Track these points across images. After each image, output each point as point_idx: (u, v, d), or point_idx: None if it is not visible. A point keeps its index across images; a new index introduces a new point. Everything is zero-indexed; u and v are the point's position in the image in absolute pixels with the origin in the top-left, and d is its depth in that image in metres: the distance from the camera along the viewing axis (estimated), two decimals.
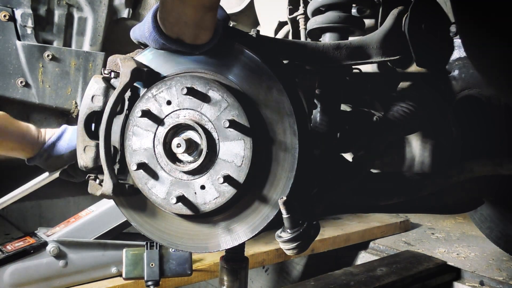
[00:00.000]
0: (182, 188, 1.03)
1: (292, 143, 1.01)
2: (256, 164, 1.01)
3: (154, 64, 1.07)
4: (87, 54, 2.16)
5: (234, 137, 0.99)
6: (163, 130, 1.02)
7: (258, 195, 1.03)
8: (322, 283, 2.21)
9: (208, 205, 1.02)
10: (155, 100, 1.02)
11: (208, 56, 1.04)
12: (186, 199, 1.02)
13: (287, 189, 1.01)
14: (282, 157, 1.01)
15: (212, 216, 1.05)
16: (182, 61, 1.05)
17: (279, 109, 1.01)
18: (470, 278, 2.59)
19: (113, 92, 1.02)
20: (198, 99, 1.00)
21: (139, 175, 1.04)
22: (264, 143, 1.02)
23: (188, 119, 1.01)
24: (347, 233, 3.03)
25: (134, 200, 1.09)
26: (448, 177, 1.36)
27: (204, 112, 1.00)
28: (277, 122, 1.01)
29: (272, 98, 1.01)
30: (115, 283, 2.06)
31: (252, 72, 1.02)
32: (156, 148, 1.03)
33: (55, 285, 1.97)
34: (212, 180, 1.01)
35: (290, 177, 1.01)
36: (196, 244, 1.08)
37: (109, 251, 2.07)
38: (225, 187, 1.00)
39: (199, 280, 2.30)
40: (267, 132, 1.02)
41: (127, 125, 1.04)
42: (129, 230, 2.18)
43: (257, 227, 1.03)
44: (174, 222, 1.09)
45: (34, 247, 1.94)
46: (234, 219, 1.05)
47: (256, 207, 1.03)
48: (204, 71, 1.04)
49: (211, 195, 1.02)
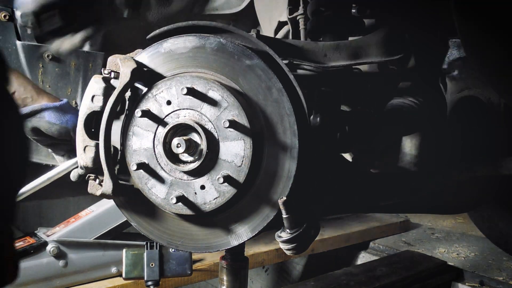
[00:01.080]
0: (182, 188, 1.03)
1: (292, 143, 1.01)
2: (256, 164, 1.01)
3: (154, 64, 1.07)
4: (87, 54, 2.16)
5: (234, 137, 0.99)
6: (163, 130, 1.02)
7: (258, 194, 1.03)
8: (322, 283, 2.21)
9: (208, 205, 1.02)
10: (155, 100, 1.03)
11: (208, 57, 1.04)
12: (186, 199, 1.02)
13: (287, 189, 1.01)
14: (282, 157, 1.01)
15: (212, 216, 1.06)
16: (182, 62, 1.05)
17: (279, 109, 1.01)
18: (470, 278, 2.59)
19: (113, 92, 1.02)
20: (198, 99, 1.01)
21: (139, 175, 1.04)
22: (264, 143, 1.02)
23: (188, 119, 1.01)
24: (347, 233, 3.03)
25: (134, 200, 1.09)
26: (448, 177, 1.36)
27: (204, 112, 1.00)
28: (277, 122, 1.01)
29: (272, 98, 1.01)
30: (115, 283, 2.06)
31: (252, 72, 1.02)
32: (156, 148, 1.03)
33: (55, 285, 1.96)
34: (212, 180, 1.01)
35: (290, 177, 1.01)
36: (197, 244, 1.09)
37: (109, 251, 2.07)
38: (225, 187, 1.00)
39: (199, 280, 2.30)
40: (267, 132, 1.02)
41: (127, 125, 1.04)
42: (129, 230, 2.18)
43: (257, 227, 1.04)
44: (174, 222, 1.09)
45: (34, 247, 1.94)
46: (234, 219, 1.05)
47: (256, 207, 1.03)
48: (204, 71, 1.04)
49: (211, 195, 1.02)
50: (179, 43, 1.05)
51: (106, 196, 1.04)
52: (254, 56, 1.02)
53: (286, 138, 1.01)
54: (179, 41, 1.05)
